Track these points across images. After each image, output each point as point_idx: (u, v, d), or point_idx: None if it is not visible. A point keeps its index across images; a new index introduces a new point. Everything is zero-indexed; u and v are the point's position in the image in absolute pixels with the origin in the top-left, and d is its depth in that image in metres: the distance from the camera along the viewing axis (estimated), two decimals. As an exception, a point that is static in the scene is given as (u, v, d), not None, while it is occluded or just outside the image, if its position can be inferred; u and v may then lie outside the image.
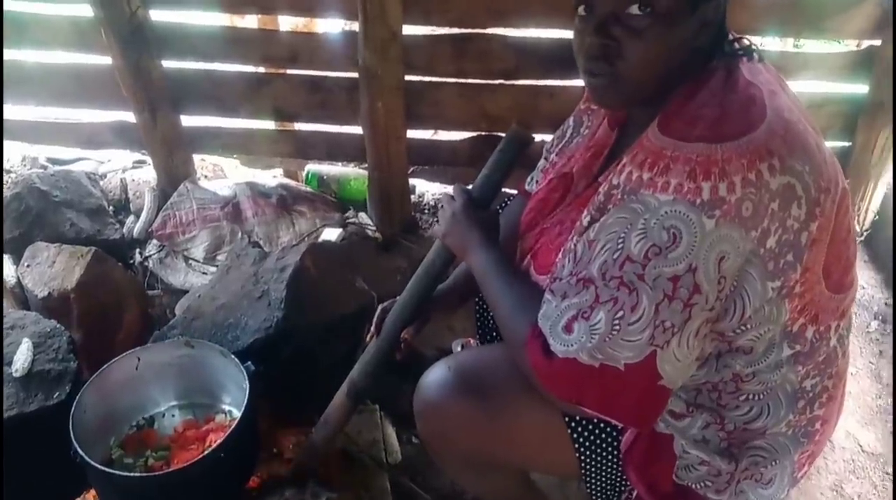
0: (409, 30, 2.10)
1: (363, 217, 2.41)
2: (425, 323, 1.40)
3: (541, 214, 1.22)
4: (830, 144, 1.18)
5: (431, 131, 2.80)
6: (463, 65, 2.18)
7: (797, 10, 2.10)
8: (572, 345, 0.95)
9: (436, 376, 1.20)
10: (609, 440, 1.14)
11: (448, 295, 1.40)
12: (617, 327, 0.92)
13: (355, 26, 2.05)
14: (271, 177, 2.60)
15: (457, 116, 2.30)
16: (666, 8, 0.93)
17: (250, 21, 2.41)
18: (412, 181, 2.49)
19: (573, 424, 1.14)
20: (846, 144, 2.31)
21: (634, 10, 0.93)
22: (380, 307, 1.41)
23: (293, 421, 1.72)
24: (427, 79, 2.22)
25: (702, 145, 0.91)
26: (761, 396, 1.07)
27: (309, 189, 2.47)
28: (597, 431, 1.14)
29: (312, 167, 2.53)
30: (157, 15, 2.16)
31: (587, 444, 1.15)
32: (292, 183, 2.49)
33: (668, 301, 0.90)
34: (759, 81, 0.98)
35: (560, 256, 1.05)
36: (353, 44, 2.10)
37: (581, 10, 0.99)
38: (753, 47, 1.03)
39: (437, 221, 1.29)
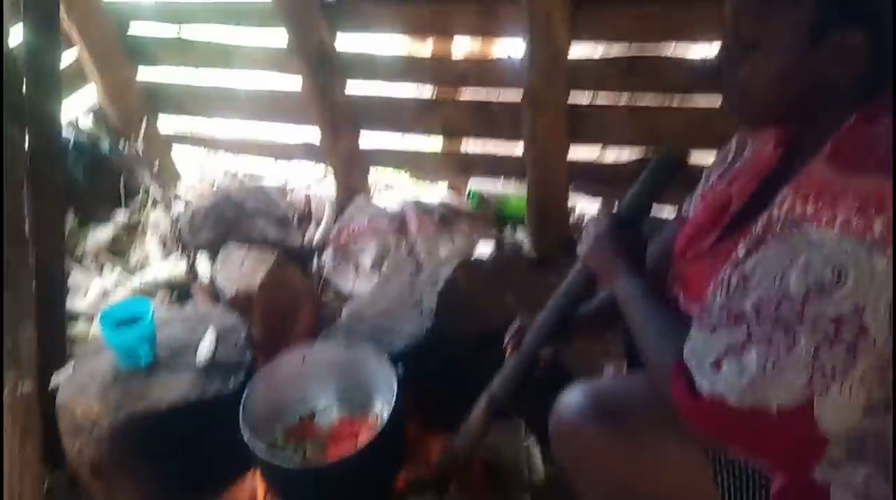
0: (578, 50, 2.12)
1: (520, 235, 2.44)
2: (567, 344, 1.38)
3: (695, 239, 1.17)
4: None
5: (597, 151, 2.78)
6: (632, 83, 2.15)
7: None
8: (719, 384, 0.90)
9: (572, 398, 1.18)
10: (758, 484, 1.07)
11: (593, 318, 1.38)
12: (770, 370, 0.87)
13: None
14: (438, 192, 2.71)
15: (624, 135, 2.27)
16: (779, 41, 0.92)
17: (427, 46, 2.53)
18: (572, 201, 2.48)
19: (718, 465, 1.08)
20: None
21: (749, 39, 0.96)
22: (517, 322, 1.42)
23: (442, 429, 1.78)
24: (594, 98, 2.21)
25: (875, 178, 0.83)
26: (933, 451, 0.96)
27: (469, 207, 2.55)
28: (745, 475, 1.07)
29: (474, 185, 2.60)
30: (343, 42, 2.34)
31: (733, 485, 1.08)
32: (454, 201, 2.58)
33: (830, 344, 0.84)
34: None
35: (712, 287, 1.00)
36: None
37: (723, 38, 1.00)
38: None
39: (581, 241, 1.28)
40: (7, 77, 1.62)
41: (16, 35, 1.78)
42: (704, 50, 2.06)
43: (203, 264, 2.29)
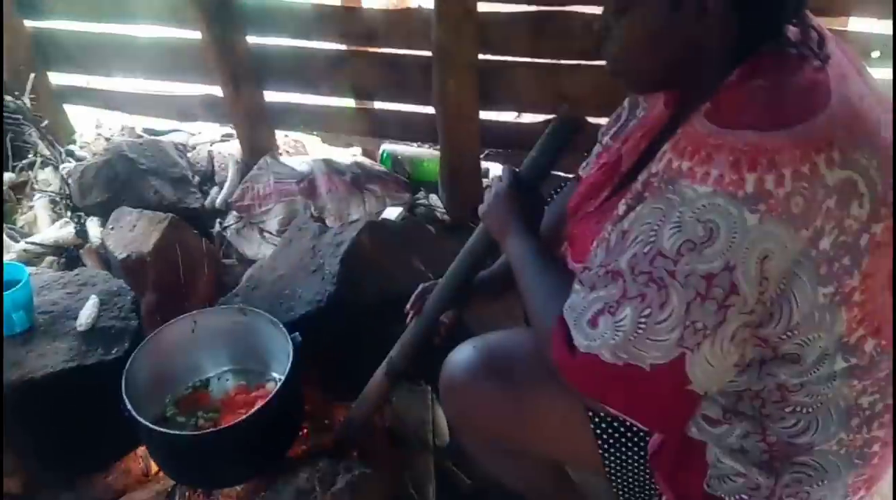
0: (485, 7, 2.06)
1: (433, 199, 2.40)
2: (468, 308, 1.37)
3: (587, 199, 1.16)
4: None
5: (514, 114, 2.76)
6: (540, 44, 2.12)
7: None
8: (595, 340, 0.89)
9: (461, 355, 1.18)
10: (635, 439, 1.08)
11: (492, 282, 1.37)
12: (643, 326, 0.86)
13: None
14: (350, 155, 2.63)
15: (534, 97, 2.24)
16: (624, 5, 0.94)
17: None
18: (485, 165, 2.45)
19: (597, 419, 1.08)
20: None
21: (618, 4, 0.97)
22: (420, 287, 1.40)
23: (345, 395, 1.74)
24: (503, 58, 2.17)
25: (749, 133, 0.82)
26: (810, 409, 0.97)
27: (383, 169, 2.49)
28: (622, 429, 1.08)
29: (387, 147, 2.54)
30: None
31: (611, 441, 1.09)
32: (367, 162, 2.52)
33: (701, 301, 0.83)
34: (829, 64, 0.88)
35: (595, 244, 0.99)
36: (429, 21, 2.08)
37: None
38: (788, 37, 0.92)
39: (483, 202, 1.26)
40: None
41: None
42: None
43: (93, 227, 2.16)
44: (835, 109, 0.84)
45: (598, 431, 1.08)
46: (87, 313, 1.58)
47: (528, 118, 2.42)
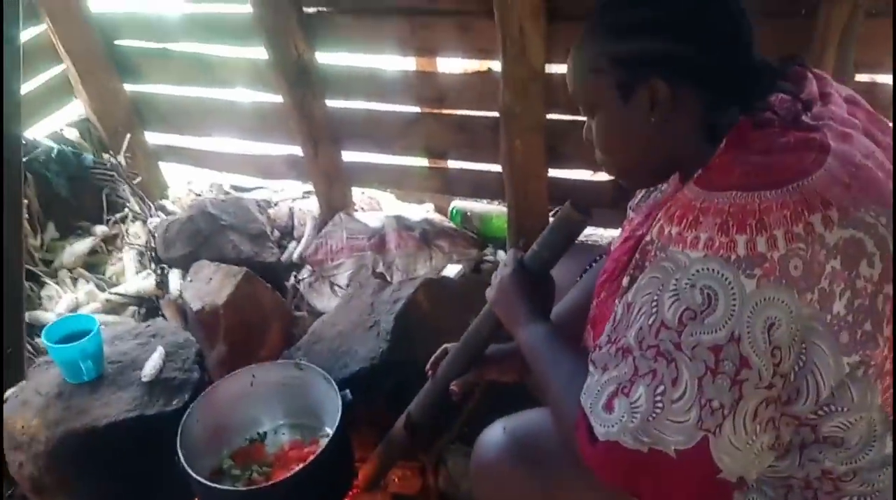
0: (554, 69, 2.07)
1: (501, 255, 2.39)
2: (478, 380, 1.35)
3: (611, 278, 1.11)
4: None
5: (590, 172, 2.72)
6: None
7: None
8: (613, 426, 0.85)
9: (491, 437, 1.14)
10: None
11: (509, 358, 1.33)
12: (660, 405, 0.81)
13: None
14: (422, 211, 2.67)
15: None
16: (600, 104, 0.95)
17: (410, 63, 2.50)
18: (554, 222, 2.41)
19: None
20: None
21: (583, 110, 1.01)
22: (441, 348, 1.40)
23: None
24: (573, 118, 2.16)
25: (736, 194, 0.79)
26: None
27: (452, 225, 2.50)
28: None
29: (457, 204, 2.55)
30: (322, 58, 2.32)
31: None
32: (437, 218, 2.54)
33: (712, 376, 0.78)
34: (829, 123, 0.85)
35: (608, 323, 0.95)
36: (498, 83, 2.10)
37: None
38: (771, 103, 0.88)
39: (490, 285, 1.23)
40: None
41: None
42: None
43: (174, 279, 2.27)
44: (832, 168, 0.79)
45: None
46: (151, 365, 1.65)
47: (604, 176, 2.38)
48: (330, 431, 1.67)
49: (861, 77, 1.81)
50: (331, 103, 2.40)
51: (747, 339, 0.76)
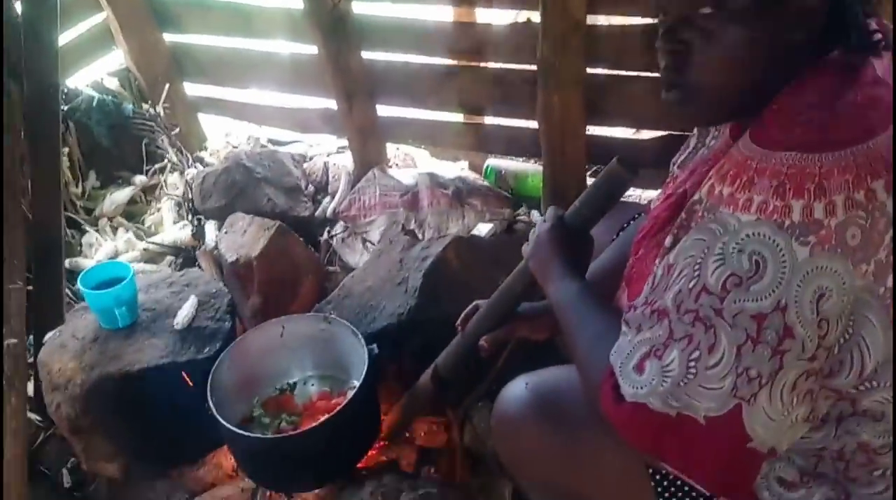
0: (596, 20, 1.99)
1: (535, 215, 2.35)
2: (509, 337, 1.34)
3: (650, 235, 1.07)
4: None
5: (633, 130, 2.65)
6: (655, 58, 2.01)
7: None
8: (642, 388, 0.82)
9: (513, 393, 1.13)
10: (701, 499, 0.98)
11: (541, 316, 1.31)
12: (693, 371, 0.78)
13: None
14: (457, 169, 2.64)
15: (648, 112, 2.13)
16: (741, 3, 0.78)
17: (448, 14, 2.44)
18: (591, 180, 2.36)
19: (658, 477, 0.99)
20: None
21: (707, 9, 0.80)
22: (472, 304, 1.39)
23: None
24: (614, 72, 2.09)
25: (795, 155, 0.74)
26: (902, 473, 0.85)
27: (486, 183, 2.46)
28: (685, 488, 0.98)
29: (492, 162, 2.51)
30: (359, 7, 2.27)
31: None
32: (471, 176, 2.50)
33: (753, 345, 0.75)
34: (889, 81, 0.78)
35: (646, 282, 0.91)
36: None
37: (660, 16, 0.86)
38: (877, 39, 0.80)
39: (527, 242, 1.21)
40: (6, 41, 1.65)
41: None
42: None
43: (210, 230, 2.29)
44: None
45: (659, 489, 0.99)
46: (184, 313, 1.67)
47: (648, 134, 2.31)
48: (357, 384, 1.68)
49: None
50: (366, 55, 2.37)
51: (794, 308, 0.73)
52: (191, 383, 1.57)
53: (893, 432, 0.83)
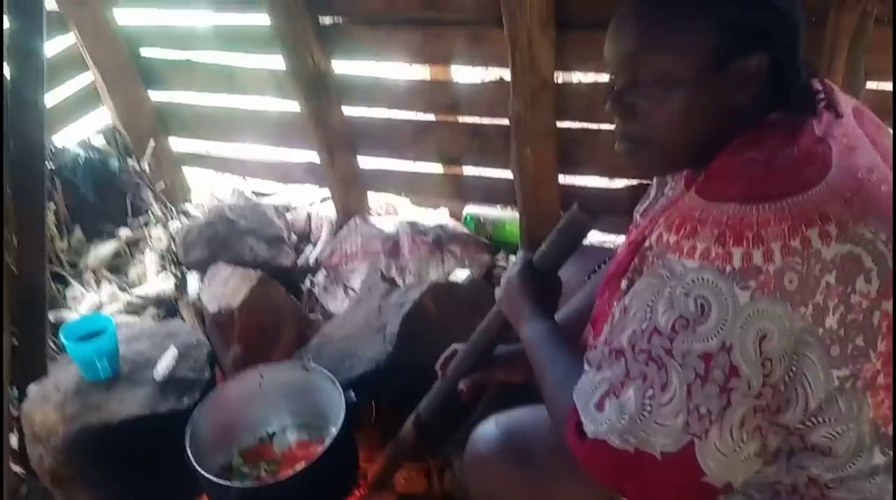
0: (569, 76, 2.08)
1: (513, 260, 2.40)
2: (487, 380, 1.36)
3: (612, 278, 1.13)
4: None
5: (606, 179, 2.73)
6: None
7: None
8: (602, 425, 0.87)
9: (483, 431, 1.17)
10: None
11: (517, 359, 1.33)
12: (648, 409, 0.82)
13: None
14: (437, 217, 2.70)
15: (617, 162, 2.21)
16: (684, 73, 0.85)
17: (424, 72, 2.54)
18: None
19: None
20: None
21: (652, 78, 0.88)
22: (451, 348, 1.42)
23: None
24: (584, 125, 2.18)
25: (735, 206, 0.79)
26: (854, 507, 0.89)
27: (465, 230, 2.53)
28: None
29: (471, 209, 2.58)
30: (339, 67, 2.36)
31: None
32: (451, 223, 2.56)
33: (702, 383, 0.79)
34: (835, 136, 0.84)
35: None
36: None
37: (610, 77, 0.94)
38: (819, 99, 0.88)
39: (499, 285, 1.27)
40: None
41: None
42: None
43: (192, 282, 2.33)
44: (834, 182, 0.79)
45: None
46: (164, 364, 1.70)
47: (621, 183, 2.38)
48: (335, 431, 1.71)
49: (872, 85, 1.80)
50: (347, 111, 2.45)
51: (738, 349, 0.77)
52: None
53: (894, 443, 0.87)
